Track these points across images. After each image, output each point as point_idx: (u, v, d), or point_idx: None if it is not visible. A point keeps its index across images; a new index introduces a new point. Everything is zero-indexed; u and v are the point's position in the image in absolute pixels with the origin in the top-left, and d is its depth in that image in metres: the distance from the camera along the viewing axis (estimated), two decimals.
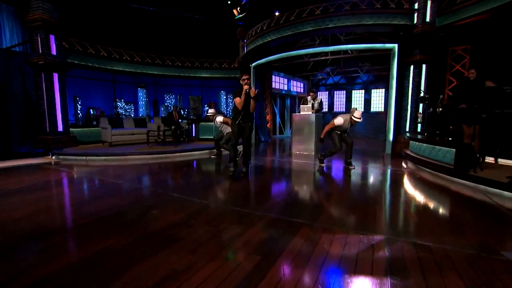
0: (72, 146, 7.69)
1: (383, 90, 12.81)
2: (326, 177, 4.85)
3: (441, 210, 3.10)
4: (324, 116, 14.04)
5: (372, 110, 13.13)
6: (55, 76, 7.13)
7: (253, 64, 10.01)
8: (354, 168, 5.23)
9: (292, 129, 7.73)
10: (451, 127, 5.33)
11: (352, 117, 5.05)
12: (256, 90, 4.15)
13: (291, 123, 8.02)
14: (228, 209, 2.99)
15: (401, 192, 3.90)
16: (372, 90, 13.18)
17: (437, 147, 4.86)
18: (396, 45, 7.08)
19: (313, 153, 7.23)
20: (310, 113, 7.26)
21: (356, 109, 5.08)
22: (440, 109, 5.47)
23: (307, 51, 8.67)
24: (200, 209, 2.99)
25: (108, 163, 6.11)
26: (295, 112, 7.55)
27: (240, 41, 10.65)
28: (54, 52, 7.04)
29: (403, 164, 5.86)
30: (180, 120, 9.86)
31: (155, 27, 10.86)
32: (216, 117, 6.37)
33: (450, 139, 5.32)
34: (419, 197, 3.62)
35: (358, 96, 13.70)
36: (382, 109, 12.70)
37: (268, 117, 11.80)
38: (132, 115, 12.31)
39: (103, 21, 9.58)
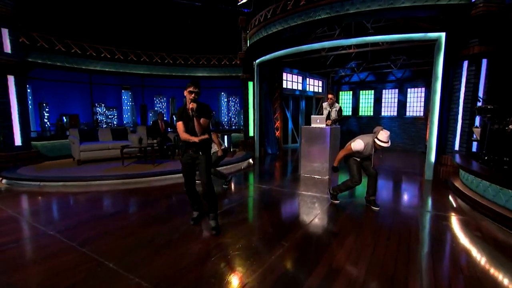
0: (34, 163, 7.06)
1: (423, 89, 11.28)
2: (337, 227, 3.65)
3: None
4: (346, 122, 12.82)
5: (407, 114, 11.62)
6: (10, 79, 6.49)
7: (256, 61, 8.98)
8: (378, 210, 4.13)
9: (300, 145, 6.65)
10: None
11: (376, 139, 3.90)
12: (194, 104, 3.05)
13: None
14: None
15: (453, 266, 2.68)
16: (408, 90, 11.66)
17: (509, 190, 3.58)
18: (443, 34, 5.73)
19: (327, 177, 6.13)
20: (324, 126, 6.14)
21: (382, 128, 3.91)
22: (511, 127, 4.18)
23: (323, 45, 7.45)
24: None
25: (66, 190, 5.44)
26: (312, 116, 6.47)
27: (243, 32, 9.66)
28: (7, 49, 6.38)
29: (452, 202, 4.61)
30: (169, 130, 9.07)
31: (141, 18, 10.11)
32: None
33: None
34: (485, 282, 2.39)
35: (390, 97, 12.22)
36: (422, 114, 11.20)
37: (278, 124, 10.71)
38: (115, 123, 11.70)
39: (76, 11, 8.92)
